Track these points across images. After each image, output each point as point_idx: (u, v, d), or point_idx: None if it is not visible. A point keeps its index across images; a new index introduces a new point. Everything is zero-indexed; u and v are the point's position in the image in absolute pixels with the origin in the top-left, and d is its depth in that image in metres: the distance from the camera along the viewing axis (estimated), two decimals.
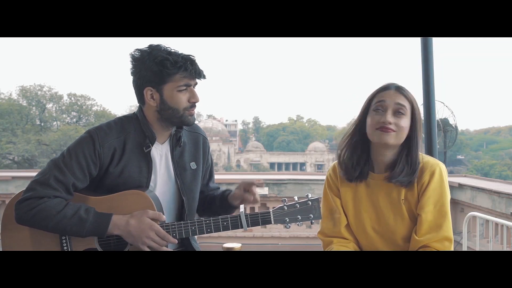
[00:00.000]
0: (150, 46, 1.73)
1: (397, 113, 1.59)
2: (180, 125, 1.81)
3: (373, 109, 1.62)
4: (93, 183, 1.75)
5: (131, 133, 1.76)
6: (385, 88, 1.63)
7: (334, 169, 1.76)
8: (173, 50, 1.73)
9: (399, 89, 1.62)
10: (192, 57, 1.74)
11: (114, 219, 1.65)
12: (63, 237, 1.70)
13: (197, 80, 1.76)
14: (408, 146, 1.62)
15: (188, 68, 1.70)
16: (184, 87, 1.72)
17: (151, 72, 1.69)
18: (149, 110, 1.77)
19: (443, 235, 1.59)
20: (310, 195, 1.74)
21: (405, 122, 1.59)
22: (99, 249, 1.71)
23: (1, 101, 37.23)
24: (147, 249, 1.67)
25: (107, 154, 1.71)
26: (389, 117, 1.58)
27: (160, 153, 1.81)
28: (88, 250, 1.71)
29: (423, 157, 1.65)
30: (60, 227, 1.64)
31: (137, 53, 1.73)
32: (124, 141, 1.74)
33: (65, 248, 1.71)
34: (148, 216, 1.67)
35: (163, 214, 1.73)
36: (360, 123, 1.67)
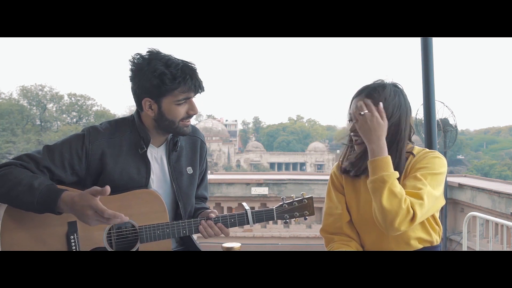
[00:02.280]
0: (150, 54, 1.69)
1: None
2: (174, 134, 1.80)
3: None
4: (91, 184, 1.72)
5: (127, 134, 1.77)
6: (357, 95, 1.66)
7: (338, 166, 1.79)
8: (172, 59, 1.68)
9: (365, 94, 1.63)
10: (192, 67, 1.70)
11: (64, 194, 1.59)
12: (72, 236, 1.69)
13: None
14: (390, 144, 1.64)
15: (188, 83, 1.67)
16: (184, 101, 1.71)
17: (150, 84, 1.66)
18: (146, 117, 1.77)
19: (418, 189, 1.53)
20: (303, 193, 1.87)
21: None
22: (108, 248, 1.71)
23: (1, 101, 37.24)
24: (92, 225, 1.57)
25: (95, 152, 1.71)
26: (352, 127, 1.64)
27: (156, 156, 1.82)
28: (95, 250, 1.70)
29: (424, 149, 1.69)
30: (13, 195, 1.59)
31: (137, 60, 1.69)
32: (119, 142, 1.75)
33: (74, 247, 1.69)
34: (90, 192, 1.56)
35: (168, 216, 1.74)
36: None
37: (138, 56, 1.70)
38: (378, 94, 1.62)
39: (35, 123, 38.90)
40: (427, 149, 1.70)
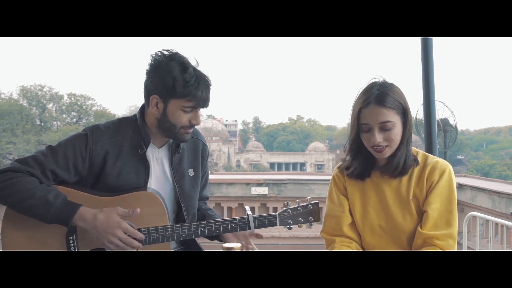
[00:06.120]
0: (172, 55, 1.69)
1: (383, 130, 1.58)
2: (173, 139, 1.79)
3: (362, 130, 1.61)
4: (91, 183, 1.74)
5: (128, 134, 1.76)
6: (366, 103, 1.57)
7: (341, 169, 1.77)
8: (190, 67, 1.68)
9: (380, 102, 1.56)
10: (207, 81, 1.71)
11: (81, 210, 1.63)
12: (71, 237, 1.69)
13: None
14: (406, 142, 1.63)
15: (197, 96, 1.68)
16: (190, 109, 1.70)
17: (162, 83, 1.66)
18: (150, 115, 1.76)
19: (448, 232, 1.60)
20: (309, 198, 1.83)
21: (395, 133, 1.58)
22: (107, 250, 1.70)
23: (1, 101, 37.23)
24: (113, 248, 1.64)
25: (99, 152, 1.71)
26: (377, 138, 1.57)
27: (157, 157, 1.81)
28: (94, 250, 1.70)
29: (433, 157, 1.68)
30: (26, 206, 1.61)
31: (157, 57, 1.70)
32: (120, 142, 1.74)
33: (72, 248, 1.69)
34: (118, 213, 1.64)
35: (168, 216, 1.73)
36: (355, 134, 1.65)
37: (160, 53, 1.70)
38: (389, 99, 1.57)
39: (35, 123, 38.87)
40: (432, 156, 1.68)
